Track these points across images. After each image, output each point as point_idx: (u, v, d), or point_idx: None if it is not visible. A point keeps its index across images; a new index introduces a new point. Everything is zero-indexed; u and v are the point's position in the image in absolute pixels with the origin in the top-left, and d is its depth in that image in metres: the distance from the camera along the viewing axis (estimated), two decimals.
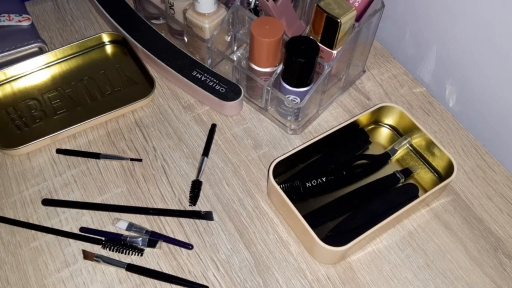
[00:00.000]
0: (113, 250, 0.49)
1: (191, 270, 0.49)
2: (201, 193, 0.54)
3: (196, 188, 0.54)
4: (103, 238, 0.50)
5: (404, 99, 0.65)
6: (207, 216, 0.52)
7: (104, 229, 0.51)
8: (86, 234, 0.50)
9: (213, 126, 0.60)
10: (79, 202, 0.53)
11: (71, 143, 0.58)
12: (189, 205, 0.53)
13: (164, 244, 0.50)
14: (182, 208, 0.53)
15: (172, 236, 0.51)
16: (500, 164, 0.59)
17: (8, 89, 0.62)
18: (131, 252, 0.49)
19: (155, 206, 0.53)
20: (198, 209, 0.53)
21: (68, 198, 0.53)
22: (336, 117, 0.62)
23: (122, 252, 0.49)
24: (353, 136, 0.58)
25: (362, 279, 0.49)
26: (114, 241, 0.49)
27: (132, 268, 0.48)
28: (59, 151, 0.57)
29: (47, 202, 0.53)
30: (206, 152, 0.57)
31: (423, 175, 0.56)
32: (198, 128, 0.60)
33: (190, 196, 0.53)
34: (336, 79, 0.62)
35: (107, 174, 0.55)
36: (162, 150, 0.58)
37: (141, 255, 0.49)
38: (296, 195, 0.52)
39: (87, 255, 0.48)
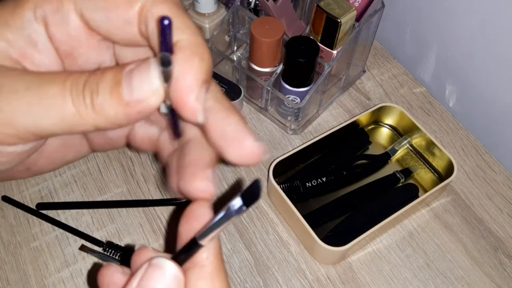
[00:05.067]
0: (113, 255, 0.49)
1: None
2: None
3: None
4: (104, 241, 0.50)
5: (404, 99, 0.65)
6: None
7: (104, 228, 0.51)
8: (89, 234, 0.50)
9: None
10: (74, 203, 0.53)
11: None
12: None
13: (164, 244, 0.50)
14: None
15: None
16: (500, 164, 0.59)
17: None
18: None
19: None
20: None
21: (68, 198, 0.53)
22: (336, 117, 0.62)
23: (121, 258, 0.48)
24: (353, 136, 0.58)
25: (362, 279, 0.49)
26: (114, 246, 0.49)
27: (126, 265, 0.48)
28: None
29: (41, 206, 0.52)
30: None
31: (423, 175, 0.56)
32: None
33: None
34: (336, 79, 0.62)
35: (107, 174, 0.55)
36: None
37: None
38: (296, 195, 0.52)
39: (83, 248, 0.49)
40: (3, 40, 0.22)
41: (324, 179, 0.54)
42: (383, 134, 0.60)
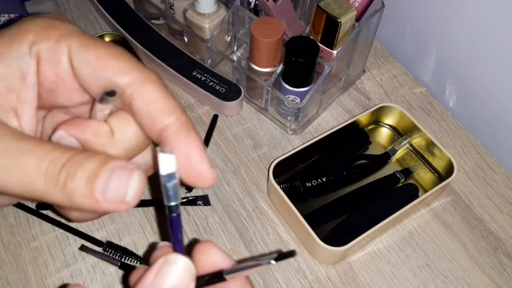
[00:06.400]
0: (113, 255, 0.49)
1: None
2: (201, 193, 0.54)
3: None
4: (104, 241, 0.50)
5: (404, 99, 0.65)
6: (204, 201, 0.53)
7: (104, 228, 0.51)
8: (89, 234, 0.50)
9: (215, 117, 0.60)
10: None
11: None
12: (185, 192, 0.53)
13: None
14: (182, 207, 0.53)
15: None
16: (500, 164, 0.59)
17: None
18: (131, 259, 0.49)
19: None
20: (194, 196, 0.53)
21: None
22: (336, 117, 0.62)
23: (121, 258, 0.49)
24: (353, 136, 0.58)
25: (362, 279, 0.49)
26: (114, 246, 0.49)
27: (125, 267, 0.48)
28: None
29: (41, 206, 0.52)
30: (206, 142, 0.57)
31: (423, 175, 0.56)
32: (198, 128, 0.60)
33: None
34: (336, 79, 0.62)
35: None
36: None
37: (140, 263, 0.49)
38: (296, 195, 0.52)
39: (83, 248, 0.49)
40: None
41: (324, 179, 0.54)
42: (383, 134, 0.60)
